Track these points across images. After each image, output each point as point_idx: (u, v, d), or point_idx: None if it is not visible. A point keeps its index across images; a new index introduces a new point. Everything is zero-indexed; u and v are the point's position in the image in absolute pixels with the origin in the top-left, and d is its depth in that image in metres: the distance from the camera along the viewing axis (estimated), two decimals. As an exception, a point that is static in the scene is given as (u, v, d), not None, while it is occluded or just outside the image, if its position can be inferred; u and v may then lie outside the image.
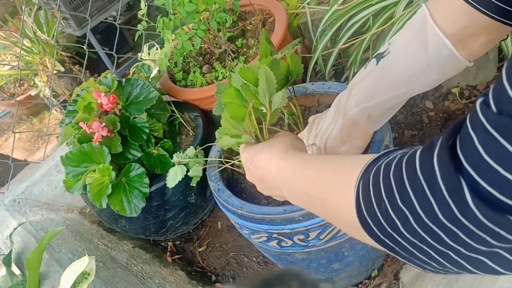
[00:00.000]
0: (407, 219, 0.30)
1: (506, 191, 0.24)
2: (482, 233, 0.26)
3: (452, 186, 0.26)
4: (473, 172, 0.25)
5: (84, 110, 0.93)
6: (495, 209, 0.24)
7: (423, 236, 0.29)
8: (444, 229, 0.27)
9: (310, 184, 0.45)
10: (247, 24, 1.23)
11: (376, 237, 0.34)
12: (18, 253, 1.05)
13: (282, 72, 0.73)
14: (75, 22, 2.33)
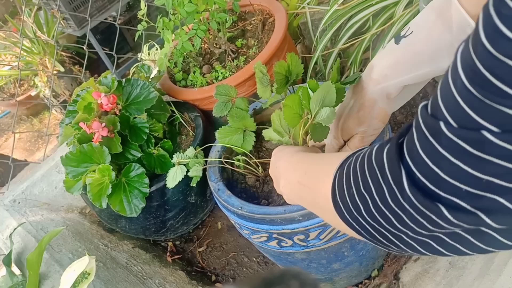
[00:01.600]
0: (367, 203, 0.34)
1: (434, 181, 0.28)
2: (420, 217, 0.29)
3: (395, 175, 0.30)
4: (411, 164, 0.29)
5: (84, 110, 0.93)
6: (428, 197, 0.28)
7: (380, 220, 0.33)
8: (394, 213, 0.31)
9: (303, 174, 0.51)
10: (247, 24, 1.23)
11: (346, 220, 0.38)
12: (18, 253, 1.05)
13: (282, 71, 0.73)
14: (75, 22, 2.33)
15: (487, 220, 0.26)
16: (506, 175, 0.24)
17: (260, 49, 1.14)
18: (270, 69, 1.03)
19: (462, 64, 0.24)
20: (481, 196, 0.26)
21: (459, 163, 0.26)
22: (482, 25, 0.22)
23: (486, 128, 0.23)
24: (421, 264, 0.90)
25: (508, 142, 0.23)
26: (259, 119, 0.94)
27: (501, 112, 0.22)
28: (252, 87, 1.07)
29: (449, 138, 0.26)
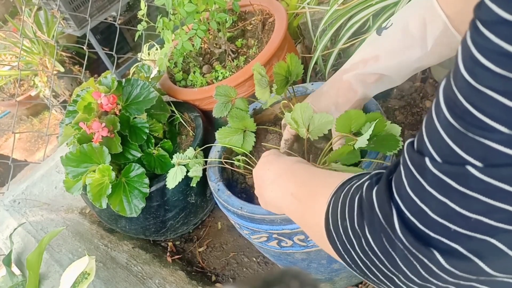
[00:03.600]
0: (360, 240, 0.32)
1: (422, 220, 0.26)
2: (413, 259, 0.28)
3: (386, 215, 0.29)
4: (400, 202, 0.28)
5: (84, 111, 0.93)
6: (419, 238, 0.27)
7: (372, 258, 0.32)
8: (387, 254, 0.30)
9: (298, 187, 0.49)
10: (247, 24, 1.23)
11: (337, 251, 0.37)
12: (18, 253, 1.05)
13: (281, 72, 0.73)
14: (75, 23, 2.33)
15: (483, 266, 0.24)
16: (494, 213, 0.23)
17: (260, 49, 1.14)
18: (270, 69, 1.03)
19: (444, 98, 0.24)
20: (471, 237, 0.24)
21: (446, 201, 0.25)
22: (461, 57, 0.22)
23: (469, 162, 0.23)
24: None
25: (491, 177, 0.22)
26: (259, 119, 0.94)
27: (483, 145, 0.22)
28: (252, 87, 1.07)
29: (434, 174, 0.25)
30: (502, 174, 0.22)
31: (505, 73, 0.20)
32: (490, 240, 0.24)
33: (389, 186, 0.30)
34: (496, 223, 0.23)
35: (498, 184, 0.22)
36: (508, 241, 0.23)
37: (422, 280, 0.28)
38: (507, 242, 0.23)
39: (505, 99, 0.20)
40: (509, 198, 0.22)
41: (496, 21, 0.19)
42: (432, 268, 0.27)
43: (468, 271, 0.25)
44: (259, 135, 0.91)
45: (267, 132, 0.92)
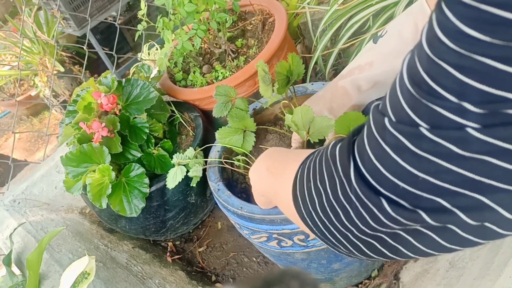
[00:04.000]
0: (321, 197, 0.34)
1: (376, 177, 0.28)
2: (363, 211, 0.30)
3: (344, 168, 0.31)
4: (358, 159, 0.30)
5: (84, 110, 0.93)
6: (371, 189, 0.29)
7: (330, 216, 0.34)
8: (342, 207, 0.32)
9: (273, 161, 0.52)
10: (247, 24, 1.23)
11: (301, 215, 0.38)
12: (18, 253, 1.05)
13: (283, 72, 0.73)
14: (75, 22, 2.33)
15: (427, 218, 0.26)
16: (441, 174, 0.25)
17: (260, 49, 1.14)
18: (270, 69, 1.03)
19: (407, 67, 0.26)
20: (418, 195, 0.26)
21: (398, 159, 0.26)
22: (425, 31, 0.24)
23: (420, 125, 0.25)
24: (421, 264, 0.90)
25: (439, 137, 0.24)
26: (259, 119, 0.94)
27: (433, 111, 0.24)
28: (252, 87, 1.07)
29: (391, 133, 0.27)
30: (449, 135, 0.24)
31: (458, 49, 0.21)
32: (436, 199, 0.26)
33: (352, 143, 0.32)
34: (442, 183, 0.25)
35: (445, 144, 0.24)
36: (456, 201, 0.25)
37: (372, 230, 0.30)
38: (453, 202, 0.25)
39: (457, 71, 0.22)
40: (454, 159, 0.24)
41: (454, 1, 0.21)
42: (380, 218, 0.29)
43: (413, 220, 0.27)
44: (259, 135, 0.91)
45: (267, 132, 0.92)
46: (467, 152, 0.23)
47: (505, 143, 0.22)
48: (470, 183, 0.24)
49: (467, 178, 0.24)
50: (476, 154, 0.23)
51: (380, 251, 0.32)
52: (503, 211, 0.24)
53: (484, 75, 0.21)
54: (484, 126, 0.22)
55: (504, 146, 0.22)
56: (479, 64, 0.21)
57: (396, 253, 0.32)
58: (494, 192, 0.24)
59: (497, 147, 0.22)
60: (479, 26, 0.20)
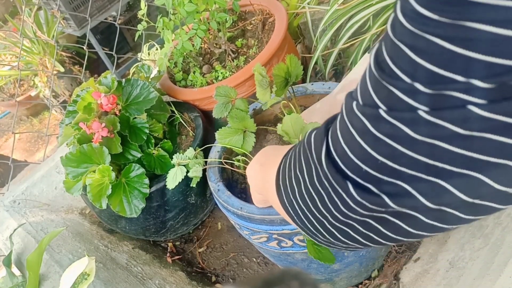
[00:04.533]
0: (300, 185, 0.35)
1: (343, 159, 0.29)
2: (334, 195, 0.30)
3: (318, 153, 0.32)
4: (330, 142, 0.31)
5: (84, 111, 0.93)
6: (339, 172, 0.29)
7: (308, 202, 0.34)
8: (317, 192, 0.32)
9: (265, 157, 0.53)
10: (247, 24, 1.23)
11: (283, 204, 0.39)
12: (18, 254, 1.05)
13: (281, 74, 0.73)
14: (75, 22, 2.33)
15: (389, 202, 0.27)
16: (398, 158, 0.25)
17: (260, 49, 1.14)
18: (270, 69, 1.03)
19: (375, 54, 0.27)
20: (380, 178, 0.27)
21: (361, 142, 0.27)
22: (391, 17, 0.25)
23: (379, 106, 0.25)
24: (421, 264, 0.90)
25: (395, 118, 0.24)
26: (259, 120, 0.94)
27: (390, 92, 0.24)
28: (252, 87, 1.07)
29: (357, 115, 0.27)
30: (403, 117, 0.24)
31: (413, 29, 0.22)
32: (397, 183, 0.26)
33: (327, 129, 0.32)
34: (399, 167, 0.25)
35: (400, 126, 0.24)
36: (414, 185, 0.25)
37: (344, 216, 0.31)
38: (412, 185, 0.25)
39: (411, 52, 0.22)
40: (408, 142, 0.24)
41: None
42: (349, 202, 0.29)
43: (377, 204, 0.27)
44: (259, 135, 0.90)
45: (267, 132, 0.92)
46: (419, 135, 0.23)
47: (454, 126, 0.22)
48: (425, 167, 0.24)
49: (421, 161, 0.24)
50: (426, 137, 0.23)
51: (355, 238, 0.33)
52: (460, 194, 0.24)
53: (433, 55, 0.21)
54: (433, 109, 0.22)
55: (452, 129, 0.22)
56: (429, 44, 0.21)
57: (369, 240, 0.32)
58: (449, 175, 0.24)
59: (446, 130, 0.22)
60: (429, 5, 0.21)
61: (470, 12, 0.19)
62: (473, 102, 0.21)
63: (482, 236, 0.78)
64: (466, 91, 0.21)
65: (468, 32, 0.20)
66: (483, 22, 0.19)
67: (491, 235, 0.76)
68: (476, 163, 0.22)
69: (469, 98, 0.21)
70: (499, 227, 0.76)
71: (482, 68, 0.20)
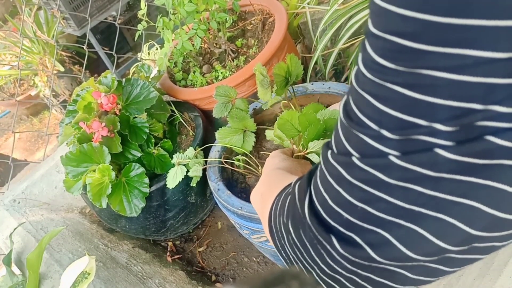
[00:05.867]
0: (289, 232, 0.34)
1: (325, 208, 0.29)
2: (320, 248, 0.30)
3: (301, 204, 0.32)
4: (313, 192, 0.31)
5: (84, 110, 0.93)
6: (322, 225, 0.29)
7: (296, 252, 0.34)
8: (302, 244, 0.32)
9: (267, 186, 0.52)
10: (247, 24, 1.23)
11: (276, 246, 0.38)
12: (18, 253, 1.05)
13: (281, 73, 0.73)
14: (75, 22, 2.33)
15: (372, 254, 0.26)
16: (375, 202, 0.25)
17: (260, 49, 1.14)
18: (270, 69, 1.03)
19: (343, 104, 0.27)
20: (360, 226, 0.26)
21: (339, 189, 0.27)
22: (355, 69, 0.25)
23: (352, 154, 0.26)
24: (421, 264, 0.90)
25: (367, 165, 0.25)
26: (259, 119, 0.94)
27: (361, 139, 0.25)
28: (252, 87, 1.07)
29: (332, 164, 0.28)
30: (375, 163, 0.24)
31: (374, 78, 0.23)
32: (376, 230, 0.26)
33: (309, 179, 0.33)
34: (378, 213, 0.25)
35: (373, 171, 0.24)
36: (394, 232, 0.25)
37: (330, 270, 0.30)
38: (393, 233, 0.25)
39: (375, 101, 0.23)
40: (383, 186, 0.24)
41: (369, 34, 0.22)
42: (333, 255, 0.29)
43: (360, 257, 0.27)
44: (259, 135, 0.91)
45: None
46: (392, 179, 0.24)
47: (423, 169, 0.22)
48: (402, 211, 0.24)
49: (397, 206, 0.24)
50: (400, 181, 0.23)
51: None
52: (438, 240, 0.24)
53: (395, 102, 0.22)
54: (403, 153, 0.23)
55: (422, 172, 0.22)
56: (390, 92, 0.22)
57: None
58: (425, 220, 0.23)
59: (417, 173, 0.22)
60: (386, 54, 0.21)
61: (423, 60, 0.20)
62: (439, 144, 0.21)
63: (482, 236, 0.78)
64: (430, 134, 0.21)
65: (424, 79, 0.20)
66: (437, 69, 0.20)
67: (491, 235, 0.76)
68: (449, 205, 0.22)
69: (435, 141, 0.21)
70: (499, 227, 0.76)
71: (442, 111, 0.20)
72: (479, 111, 0.19)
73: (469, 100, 0.19)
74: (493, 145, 0.20)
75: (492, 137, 0.20)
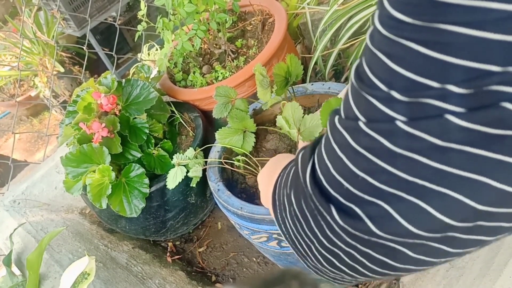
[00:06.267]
0: (291, 204, 0.34)
1: (326, 177, 0.28)
2: (320, 218, 0.29)
3: (303, 173, 0.31)
4: (316, 160, 0.30)
5: (84, 111, 0.93)
6: (323, 195, 0.28)
7: (296, 224, 0.33)
8: (303, 215, 0.31)
9: (274, 166, 0.51)
10: (247, 24, 1.23)
11: (277, 220, 0.38)
12: (18, 253, 1.05)
13: (281, 73, 0.73)
14: (75, 23, 2.33)
15: (371, 226, 0.25)
16: (378, 174, 0.24)
17: (260, 49, 1.14)
18: (270, 69, 1.03)
19: (355, 67, 0.26)
20: (360, 197, 0.25)
21: (342, 156, 0.26)
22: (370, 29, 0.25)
23: (359, 118, 0.25)
24: (421, 264, 0.90)
25: (373, 130, 0.23)
26: (259, 120, 0.94)
27: (368, 102, 0.24)
28: (252, 87, 1.08)
29: (339, 130, 0.27)
30: (381, 128, 0.23)
31: (389, 35, 0.22)
32: (377, 202, 0.24)
33: (313, 148, 0.32)
34: (380, 185, 0.24)
35: (378, 137, 0.23)
36: (395, 205, 0.24)
37: (329, 243, 0.29)
38: (394, 206, 0.24)
39: (388, 60, 0.22)
40: (386, 156, 0.23)
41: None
42: (333, 226, 0.28)
43: (359, 230, 0.26)
44: (259, 135, 0.91)
45: (267, 132, 0.92)
46: (397, 148, 0.22)
47: (431, 137, 0.21)
48: (404, 184, 0.23)
49: (400, 178, 0.23)
50: (405, 150, 0.22)
51: (340, 268, 0.31)
52: (442, 216, 0.23)
53: (408, 61, 0.21)
54: (411, 119, 0.22)
55: (430, 140, 0.21)
56: (405, 49, 0.21)
57: (355, 271, 0.31)
58: (429, 195, 0.22)
59: (424, 142, 0.21)
60: (403, 8, 0.21)
61: (444, 14, 0.19)
62: (450, 110, 0.20)
63: (482, 236, 0.78)
64: (442, 98, 0.20)
65: (442, 35, 0.19)
66: (457, 24, 0.19)
67: (491, 235, 0.76)
68: (455, 179, 0.21)
69: (446, 106, 0.20)
70: (499, 227, 0.76)
71: (457, 72, 0.19)
72: (497, 73, 0.18)
73: (487, 61, 0.18)
74: (509, 113, 0.19)
75: (509, 103, 0.18)
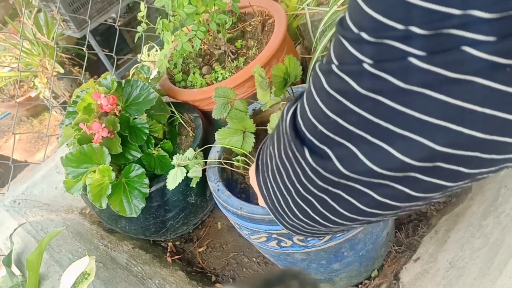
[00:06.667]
0: (272, 159, 0.34)
1: (304, 120, 0.29)
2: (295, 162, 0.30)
3: (284, 120, 0.32)
4: (298, 107, 0.30)
5: (84, 111, 0.93)
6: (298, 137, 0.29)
7: (276, 177, 0.34)
8: (283, 165, 0.32)
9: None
10: (246, 25, 1.24)
11: (259, 183, 0.38)
12: (18, 253, 1.05)
13: (280, 74, 0.73)
14: (74, 24, 2.33)
15: (339, 167, 0.26)
16: (347, 115, 0.25)
17: (259, 50, 1.14)
18: (270, 70, 1.04)
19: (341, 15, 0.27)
20: (331, 139, 0.26)
21: (317, 99, 0.27)
22: None
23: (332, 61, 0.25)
24: (421, 264, 0.90)
25: (343, 71, 0.24)
26: (258, 120, 0.95)
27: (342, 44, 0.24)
28: (252, 88, 1.08)
29: (316, 73, 0.27)
30: (350, 70, 0.24)
31: None
32: (345, 144, 0.25)
33: (297, 99, 0.32)
34: (349, 126, 0.25)
35: (347, 79, 0.24)
36: (361, 147, 0.25)
37: (304, 190, 0.31)
38: (360, 148, 0.25)
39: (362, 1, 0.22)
40: (354, 96, 0.24)
41: None
42: (307, 170, 0.29)
43: (329, 171, 0.27)
44: (259, 135, 0.91)
45: (266, 132, 0.92)
46: (363, 89, 0.23)
47: (394, 78, 0.22)
48: (370, 125, 0.24)
49: (366, 119, 0.24)
50: (370, 91, 0.23)
51: (314, 218, 0.33)
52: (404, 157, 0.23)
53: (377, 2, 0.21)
54: (376, 61, 0.22)
55: (393, 82, 0.22)
56: None
57: (327, 220, 0.32)
58: (391, 137, 0.23)
59: (388, 84, 0.22)
60: None
61: None
62: (412, 53, 0.21)
63: (482, 236, 0.79)
64: (405, 41, 0.21)
65: None
66: None
67: (491, 235, 0.77)
68: (416, 122, 0.22)
69: (409, 49, 0.21)
70: (499, 227, 0.76)
71: (419, 14, 0.20)
72: (456, 16, 0.19)
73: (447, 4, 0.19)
74: (467, 56, 0.19)
75: (468, 47, 0.19)
